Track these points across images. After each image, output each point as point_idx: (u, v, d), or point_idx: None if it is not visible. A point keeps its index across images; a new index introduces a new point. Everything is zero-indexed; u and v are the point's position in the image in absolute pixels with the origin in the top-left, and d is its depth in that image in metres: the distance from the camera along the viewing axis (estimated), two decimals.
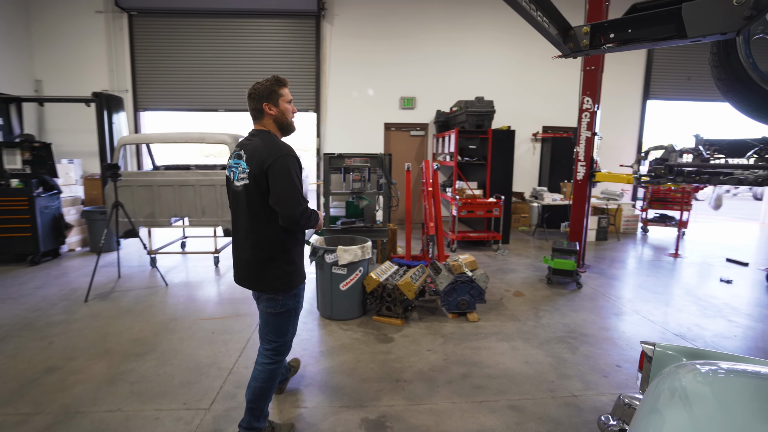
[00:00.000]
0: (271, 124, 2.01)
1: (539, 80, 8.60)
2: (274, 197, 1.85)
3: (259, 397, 2.05)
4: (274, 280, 1.97)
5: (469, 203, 6.48)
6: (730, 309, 4.21)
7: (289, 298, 2.02)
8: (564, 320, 3.85)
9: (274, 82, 1.99)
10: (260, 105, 1.97)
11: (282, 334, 2.07)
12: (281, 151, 1.87)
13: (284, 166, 1.83)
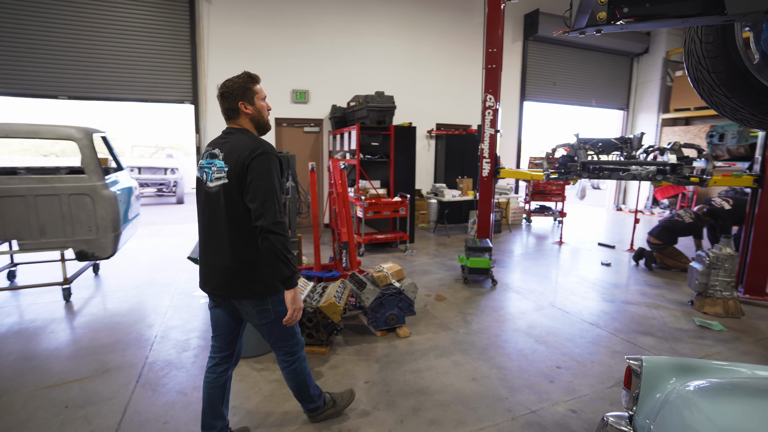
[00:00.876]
0: (247, 123, 1.91)
1: (433, 77, 8.72)
2: (250, 194, 1.73)
3: (300, 390, 2.13)
4: (258, 285, 1.85)
5: (375, 203, 6.16)
6: (620, 290, 4.65)
7: (279, 303, 1.91)
8: (492, 323, 3.75)
9: (247, 79, 1.88)
10: (235, 104, 1.86)
11: (289, 336, 2.02)
12: (263, 148, 1.77)
13: (265, 163, 1.73)
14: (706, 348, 3.29)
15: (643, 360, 1.73)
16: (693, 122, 10.48)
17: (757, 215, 4.33)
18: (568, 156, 4.05)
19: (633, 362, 1.74)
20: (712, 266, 3.95)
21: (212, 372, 2.00)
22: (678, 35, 10.48)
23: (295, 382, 2.11)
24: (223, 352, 2.02)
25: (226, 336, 2.00)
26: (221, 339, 2.00)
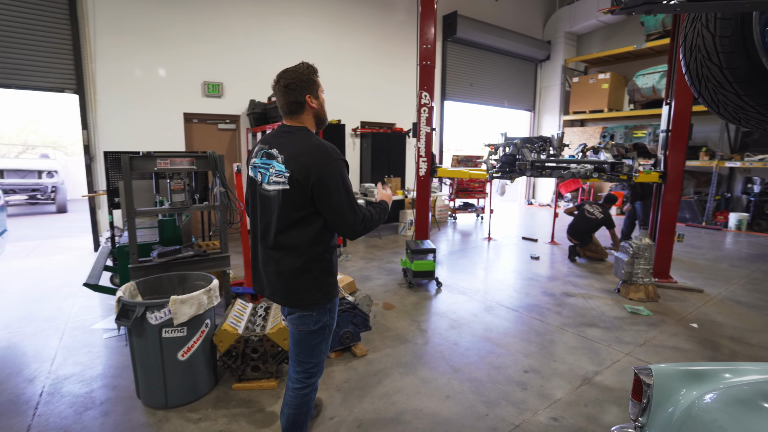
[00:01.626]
0: (309, 119, 1.77)
1: (356, 74, 8.43)
2: (329, 211, 1.64)
3: (294, 426, 1.87)
4: (312, 293, 1.72)
5: None
6: (555, 283, 4.86)
7: (323, 313, 1.78)
8: (449, 330, 3.59)
9: (312, 70, 1.75)
10: (302, 97, 1.71)
11: (315, 354, 1.83)
12: (331, 156, 1.64)
13: (337, 174, 1.62)
14: (643, 333, 3.50)
15: (652, 370, 1.64)
16: (587, 124, 11.68)
17: (662, 207, 4.81)
18: (510, 154, 4.07)
19: (642, 373, 1.65)
20: (635, 256, 4.27)
21: (290, 381, 1.90)
22: (573, 45, 11.59)
23: (296, 413, 1.85)
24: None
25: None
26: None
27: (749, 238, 7.58)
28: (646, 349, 3.22)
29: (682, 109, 4.60)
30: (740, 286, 4.82)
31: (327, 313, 1.78)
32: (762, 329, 3.64)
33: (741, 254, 6.35)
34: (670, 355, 3.14)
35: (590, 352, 3.17)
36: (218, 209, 3.14)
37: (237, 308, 2.90)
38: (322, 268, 1.73)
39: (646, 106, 9.58)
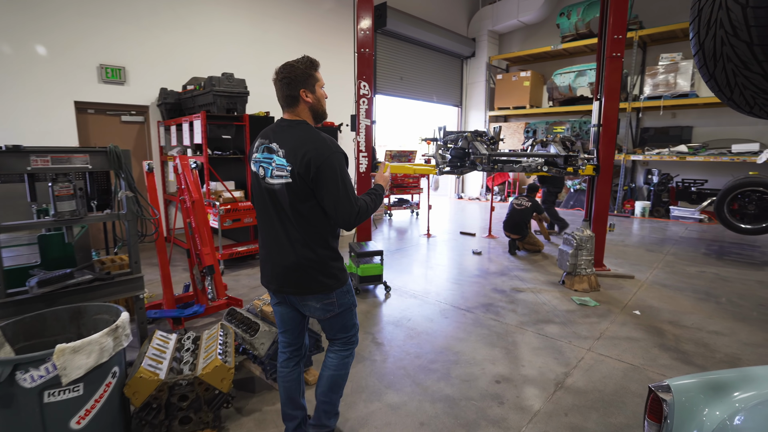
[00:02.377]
0: (306, 112, 1.79)
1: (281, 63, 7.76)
2: (327, 202, 1.68)
3: (332, 388, 1.94)
4: (327, 279, 1.78)
5: (234, 210, 5.04)
6: (502, 279, 4.81)
7: (342, 296, 1.85)
8: (407, 341, 3.29)
9: (309, 65, 1.76)
10: (296, 91, 1.74)
11: (348, 328, 1.94)
12: (330, 149, 1.67)
13: (335, 167, 1.65)
14: (596, 326, 3.52)
15: (670, 386, 1.47)
16: (510, 119, 12.21)
17: (596, 198, 4.99)
18: (460, 148, 3.88)
19: (659, 390, 1.47)
20: (578, 248, 4.34)
21: (285, 367, 1.99)
22: (495, 43, 12.00)
23: (332, 372, 1.94)
24: (293, 346, 1.99)
25: (293, 330, 1.97)
26: (289, 334, 1.97)
27: (652, 224, 8.39)
28: (604, 343, 3.21)
29: (611, 105, 4.79)
30: (660, 269, 5.19)
31: (345, 295, 1.87)
32: (690, 311, 3.87)
33: (652, 239, 6.95)
34: (626, 346, 3.16)
35: (554, 352, 3.07)
36: (125, 219, 2.48)
37: (156, 343, 2.29)
38: (332, 255, 1.81)
39: (564, 103, 10.20)
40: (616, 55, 4.69)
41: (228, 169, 6.13)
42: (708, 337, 3.34)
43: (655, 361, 2.94)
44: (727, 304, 4.05)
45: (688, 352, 3.09)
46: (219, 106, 5.21)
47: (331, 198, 1.66)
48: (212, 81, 5.14)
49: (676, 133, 9.23)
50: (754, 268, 5.27)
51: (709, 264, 5.42)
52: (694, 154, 8.52)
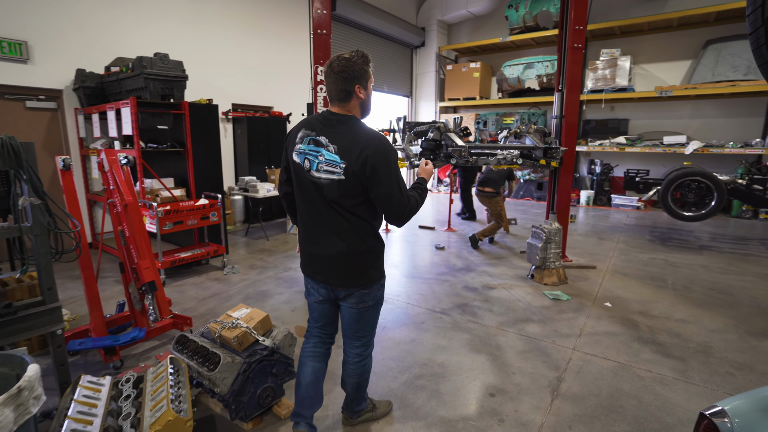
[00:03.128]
0: (356, 108, 1.77)
1: (224, 46, 7.03)
2: (380, 200, 1.70)
3: (359, 390, 2.07)
4: (372, 272, 1.86)
5: (175, 211, 4.41)
6: (471, 276, 4.67)
7: (379, 289, 1.93)
8: (384, 352, 2.99)
9: (366, 60, 1.75)
10: (352, 87, 1.72)
11: (371, 327, 1.99)
12: (386, 147, 1.68)
13: (390, 164, 1.68)
14: (574, 321, 3.46)
15: (726, 411, 1.30)
16: (460, 110, 12.24)
17: (558, 189, 4.99)
18: (432, 140, 3.61)
19: (715, 416, 1.29)
20: (548, 241, 4.29)
21: (318, 348, 2.03)
22: (444, 33, 11.91)
23: (359, 380, 2.04)
24: (327, 333, 2.05)
25: (330, 323, 2.03)
26: (329, 327, 2.03)
27: (597, 212, 8.80)
28: (586, 340, 3.14)
29: (572, 96, 4.78)
30: (616, 258, 5.35)
31: (381, 288, 1.94)
32: (653, 299, 3.96)
33: (601, 227, 7.23)
34: (608, 342, 3.11)
35: (541, 354, 2.94)
36: (31, 233, 1.91)
37: (84, 394, 1.79)
38: (378, 248, 1.87)
39: (513, 94, 10.36)
40: (577, 46, 4.66)
41: (166, 164, 5.41)
42: (677, 326, 3.39)
43: (638, 356, 2.91)
44: (683, 290, 4.20)
45: (665, 343, 3.10)
46: (152, 91, 4.50)
47: (386, 195, 1.67)
48: (143, 62, 4.42)
49: (615, 126, 9.73)
50: (694, 252, 5.60)
51: (656, 250, 5.69)
52: (632, 145, 9.01)
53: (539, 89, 9.79)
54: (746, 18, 1.39)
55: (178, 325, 3.17)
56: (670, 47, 9.18)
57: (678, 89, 8.41)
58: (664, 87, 8.66)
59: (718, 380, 2.63)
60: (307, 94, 8.13)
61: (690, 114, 9.16)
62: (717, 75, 8.16)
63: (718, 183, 5.45)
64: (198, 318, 3.57)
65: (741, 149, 7.96)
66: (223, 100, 7.12)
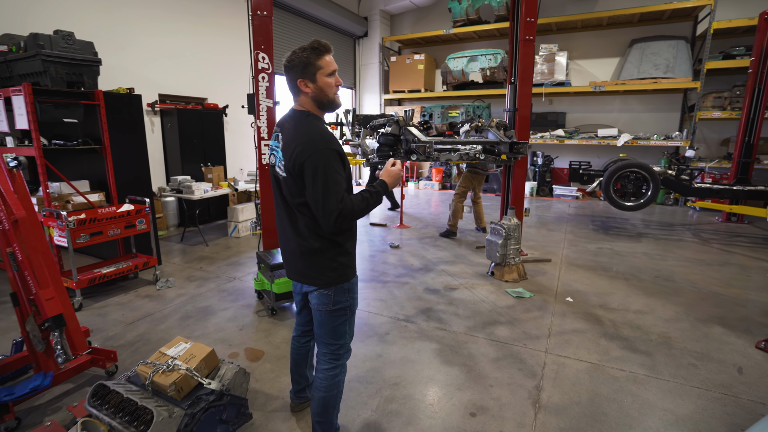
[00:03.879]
0: (308, 102, 1.70)
1: (144, 30, 6.19)
2: (310, 200, 1.62)
3: (326, 408, 1.90)
4: (327, 273, 1.75)
5: (91, 221, 3.74)
6: (431, 276, 4.49)
7: (341, 294, 1.80)
8: (349, 374, 2.69)
9: (309, 53, 1.63)
10: (295, 81, 1.67)
11: (338, 335, 1.86)
12: (315, 146, 1.58)
13: (317, 164, 1.56)
14: (540, 320, 3.39)
15: None
16: (404, 103, 12.09)
17: (513, 182, 4.93)
18: (391, 134, 3.33)
19: None
20: (507, 237, 4.21)
21: (297, 342, 2.15)
22: (387, 24, 11.64)
23: (325, 395, 1.87)
24: (305, 326, 2.09)
25: (307, 312, 2.02)
26: (302, 315, 2.06)
27: (541, 203, 9.10)
28: (556, 341, 3.07)
29: (525, 89, 4.73)
30: (567, 249, 5.47)
31: (345, 293, 1.81)
32: (609, 290, 4.04)
33: (547, 218, 7.43)
34: (577, 341, 3.05)
35: (515, 361, 2.80)
36: None
37: None
38: (335, 249, 1.75)
39: (457, 87, 10.37)
40: (529, 38, 4.61)
41: (79, 164, 4.63)
42: (636, 317, 3.45)
43: (608, 354, 2.87)
44: (634, 279, 4.34)
45: (629, 338, 3.11)
46: (54, 77, 3.74)
47: (312, 196, 1.59)
48: (38, 41, 3.65)
49: (554, 119, 10.10)
50: (633, 240, 5.89)
51: (601, 240, 5.91)
52: (570, 137, 9.41)
53: (483, 82, 9.88)
54: None
55: (99, 362, 2.63)
56: (601, 44, 9.67)
57: (610, 84, 8.87)
58: (598, 82, 9.10)
59: (684, 373, 2.65)
60: (247, 85, 7.47)
61: (619, 108, 9.74)
62: (642, 72, 8.71)
63: (654, 174, 5.75)
64: (125, 348, 3.02)
65: (664, 141, 8.59)
66: (148, 90, 6.30)
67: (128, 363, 2.83)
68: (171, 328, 3.34)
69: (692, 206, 8.01)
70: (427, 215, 7.71)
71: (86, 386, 2.60)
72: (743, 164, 6.76)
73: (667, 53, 8.55)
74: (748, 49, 7.64)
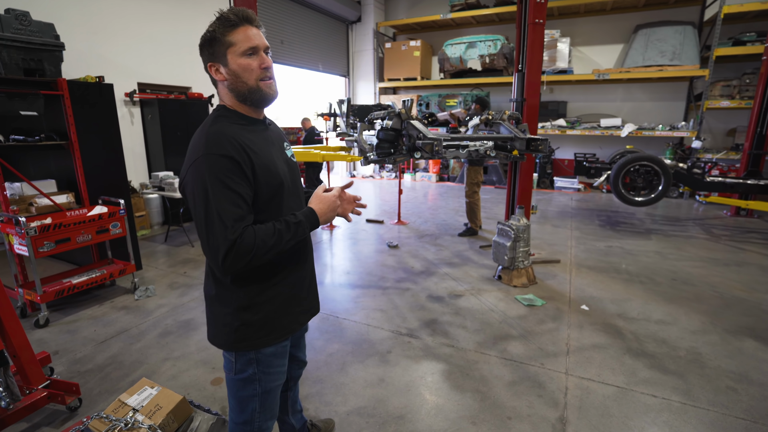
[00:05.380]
0: (226, 94, 1.26)
1: (117, 13, 5.69)
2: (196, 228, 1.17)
3: None
4: (223, 329, 1.29)
5: (56, 227, 3.34)
6: (433, 280, 4.17)
7: (246, 363, 1.31)
8: (348, 402, 2.38)
9: (217, 25, 1.18)
10: (206, 66, 1.24)
11: (243, 409, 1.38)
12: (196, 153, 1.14)
13: (197, 176, 1.12)
14: (556, 334, 3.09)
15: None
16: (399, 91, 11.65)
17: (519, 176, 4.61)
18: (392, 129, 2.96)
19: None
20: (516, 239, 3.89)
21: None
22: (381, 9, 11.13)
23: None
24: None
25: None
26: None
27: (542, 195, 8.79)
28: (577, 359, 2.77)
29: (534, 76, 4.37)
30: (575, 248, 5.17)
31: (251, 364, 1.32)
32: (626, 296, 3.75)
33: (551, 213, 7.13)
34: (599, 359, 2.76)
35: (533, 386, 2.50)
36: None
37: None
38: (236, 302, 1.27)
39: (455, 75, 9.96)
40: (538, 21, 4.23)
41: (45, 162, 4.22)
42: (659, 329, 3.16)
43: (636, 376, 2.58)
44: (650, 283, 4.05)
45: (656, 354, 2.82)
46: (7, 63, 3.31)
47: (196, 225, 1.15)
48: None
49: (554, 108, 9.75)
50: (643, 238, 5.61)
51: (610, 237, 5.62)
52: (572, 127, 9.08)
53: (482, 70, 9.48)
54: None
55: (57, 398, 2.28)
56: (604, 30, 9.29)
57: (614, 72, 8.52)
58: (602, 70, 8.74)
59: (724, 400, 2.36)
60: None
61: (623, 97, 9.41)
62: (647, 59, 8.37)
63: (666, 168, 5.45)
64: (94, 374, 2.67)
65: (669, 132, 8.29)
66: (125, 78, 5.84)
67: (95, 393, 2.49)
68: (148, 347, 2.99)
69: (702, 200, 7.72)
70: (426, 210, 7.37)
71: (43, 425, 2.25)
72: (755, 156, 6.49)
73: (674, 39, 8.20)
74: (759, 35, 7.32)
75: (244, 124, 1.24)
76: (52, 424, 2.27)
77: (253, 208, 1.21)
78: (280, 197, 1.26)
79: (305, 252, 1.42)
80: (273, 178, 1.23)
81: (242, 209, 1.13)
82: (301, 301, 1.41)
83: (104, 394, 2.47)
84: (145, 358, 2.85)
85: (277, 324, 1.33)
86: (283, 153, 1.37)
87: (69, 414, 2.33)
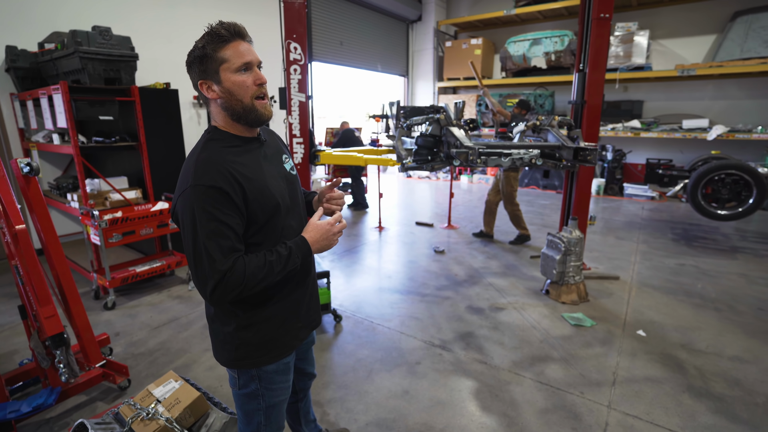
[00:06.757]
0: (218, 113, 1.22)
1: (191, 17, 6.16)
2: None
3: None
4: (225, 347, 1.31)
5: (124, 220, 3.69)
6: (475, 290, 4.01)
7: (249, 380, 1.33)
8: (369, 413, 2.35)
9: (207, 40, 1.16)
10: (196, 84, 1.20)
11: (248, 421, 1.40)
12: (185, 183, 1.13)
13: (187, 209, 1.11)
14: (604, 360, 2.82)
15: None
16: (459, 91, 11.37)
17: (577, 184, 4.27)
18: (430, 135, 2.88)
19: None
20: (567, 252, 3.61)
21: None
22: (443, 7, 10.93)
23: None
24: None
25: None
26: None
27: (609, 203, 8.11)
28: (623, 392, 2.50)
29: (596, 76, 4.02)
30: (639, 263, 4.69)
31: (253, 380, 1.34)
32: (695, 325, 3.32)
33: (616, 223, 6.55)
34: (651, 394, 2.47)
35: (569, 416, 2.30)
36: None
37: None
38: (235, 321, 1.27)
39: (517, 74, 9.51)
40: (604, 16, 3.88)
41: (120, 161, 4.67)
42: (732, 367, 2.75)
43: (695, 420, 2.27)
44: (728, 311, 3.55)
45: (725, 397, 2.46)
46: (92, 74, 3.71)
47: (185, 253, 1.16)
48: (77, 37, 3.61)
49: (628, 108, 8.94)
50: (726, 256, 4.94)
51: (683, 254, 5.02)
52: (648, 129, 8.25)
53: (547, 68, 8.95)
54: None
55: (110, 377, 2.51)
56: (692, 20, 8.32)
57: (702, 67, 7.59)
58: (686, 65, 7.83)
59: None
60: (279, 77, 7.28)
61: (712, 95, 8.37)
62: (746, 51, 7.34)
63: (759, 177, 4.74)
64: (144, 358, 2.91)
65: None
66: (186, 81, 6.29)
67: (143, 376, 2.71)
68: (192, 337, 3.20)
69: None
70: (479, 215, 7.11)
71: (98, 400, 2.49)
72: None
73: None
74: None
75: (238, 145, 1.22)
76: (105, 399, 2.51)
77: (250, 231, 1.20)
78: (276, 218, 1.25)
79: (304, 271, 1.40)
80: (268, 201, 1.21)
81: (231, 240, 1.13)
82: (300, 318, 1.41)
83: (150, 378, 2.67)
84: (189, 347, 3.05)
85: (277, 342, 1.33)
86: (281, 167, 1.34)
87: (119, 392, 2.55)
